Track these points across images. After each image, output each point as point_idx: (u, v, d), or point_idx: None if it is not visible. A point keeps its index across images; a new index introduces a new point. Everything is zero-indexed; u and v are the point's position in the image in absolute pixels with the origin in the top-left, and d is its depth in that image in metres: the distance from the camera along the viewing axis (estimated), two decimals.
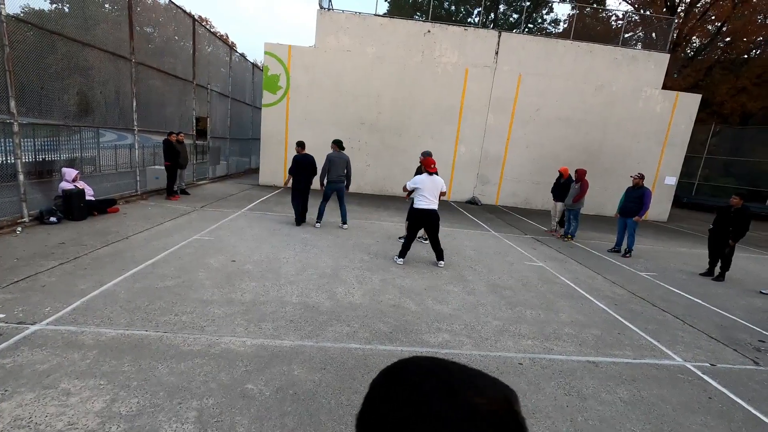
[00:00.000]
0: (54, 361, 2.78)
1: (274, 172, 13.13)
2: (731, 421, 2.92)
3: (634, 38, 21.91)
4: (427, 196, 5.64)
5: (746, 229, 6.50)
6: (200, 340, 3.24)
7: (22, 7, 6.38)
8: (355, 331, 3.69)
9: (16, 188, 5.85)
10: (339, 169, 7.42)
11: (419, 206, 5.67)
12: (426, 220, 5.74)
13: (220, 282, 4.50)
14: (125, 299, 3.84)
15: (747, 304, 5.73)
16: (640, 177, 7.65)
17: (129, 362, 2.85)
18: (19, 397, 2.40)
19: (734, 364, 3.82)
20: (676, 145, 13.83)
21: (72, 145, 7.69)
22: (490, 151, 13.61)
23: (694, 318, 4.93)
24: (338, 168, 7.41)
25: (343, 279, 5.01)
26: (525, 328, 4.14)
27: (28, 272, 4.25)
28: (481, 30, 13.22)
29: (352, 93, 12.80)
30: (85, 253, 5.03)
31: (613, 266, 7.05)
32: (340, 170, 7.43)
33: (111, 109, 8.24)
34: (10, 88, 5.45)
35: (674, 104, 13.55)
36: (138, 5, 8.57)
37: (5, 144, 6.05)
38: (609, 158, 13.75)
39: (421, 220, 5.76)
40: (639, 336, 4.24)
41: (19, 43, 5.66)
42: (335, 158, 7.39)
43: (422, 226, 5.90)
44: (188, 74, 10.86)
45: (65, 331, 3.19)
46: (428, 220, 5.73)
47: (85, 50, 7.03)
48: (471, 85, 13.03)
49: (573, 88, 13.25)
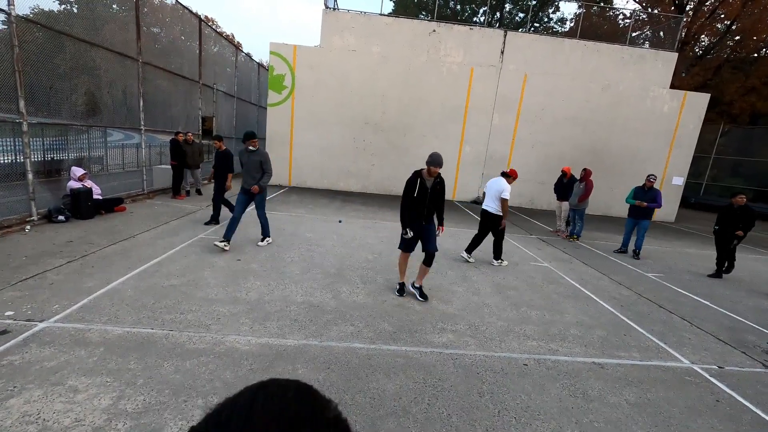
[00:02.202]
0: (62, 358, 2.81)
1: (278, 172, 13.15)
2: (739, 424, 2.88)
3: (641, 37, 21.70)
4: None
5: (753, 224, 6.63)
6: (205, 339, 3.26)
7: (32, 7, 6.45)
8: (359, 331, 3.69)
9: (25, 187, 5.92)
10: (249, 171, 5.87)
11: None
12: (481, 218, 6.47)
13: (225, 281, 4.52)
14: (132, 297, 3.87)
15: (755, 305, 5.66)
16: (654, 179, 7.54)
17: (135, 360, 2.88)
18: (27, 393, 2.43)
19: (742, 367, 3.78)
20: (684, 145, 13.69)
21: (80, 145, 7.76)
22: (496, 150, 13.55)
23: (701, 319, 4.88)
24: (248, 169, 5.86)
25: (347, 278, 5.02)
26: (530, 329, 4.12)
27: (36, 270, 4.30)
28: (487, 29, 13.17)
29: (357, 93, 12.81)
30: (93, 251, 5.08)
31: (619, 267, 7.00)
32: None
33: (118, 109, 8.31)
34: (19, 88, 5.51)
35: (682, 104, 13.41)
36: (145, 6, 8.63)
37: (14, 143, 6.12)
38: (616, 158, 13.64)
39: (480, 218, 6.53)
40: (645, 337, 4.20)
41: (28, 44, 5.72)
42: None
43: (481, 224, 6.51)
44: (194, 74, 10.93)
45: (73, 328, 3.22)
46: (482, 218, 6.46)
47: (93, 50, 7.10)
48: (476, 84, 12.98)
49: (579, 88, 13.16)
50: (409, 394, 2.82)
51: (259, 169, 5.82)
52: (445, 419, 2.61)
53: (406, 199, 4.38)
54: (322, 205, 10.06)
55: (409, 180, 4.36)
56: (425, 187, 4.33)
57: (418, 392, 2.86)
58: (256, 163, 5.78)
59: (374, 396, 2.76)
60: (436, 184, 4.38)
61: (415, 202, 4.34)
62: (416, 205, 4.35)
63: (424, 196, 4.33)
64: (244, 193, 5.87)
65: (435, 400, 2.79)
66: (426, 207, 4.38)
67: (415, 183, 4.31)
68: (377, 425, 2.48)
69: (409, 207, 4.37)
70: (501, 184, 6.15)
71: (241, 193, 5.89)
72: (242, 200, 5.87)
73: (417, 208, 4.37)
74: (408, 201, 4.37)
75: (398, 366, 3.18)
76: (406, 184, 4.36)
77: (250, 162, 5.78)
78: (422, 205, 4.36)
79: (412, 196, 4.32)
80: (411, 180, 4.34)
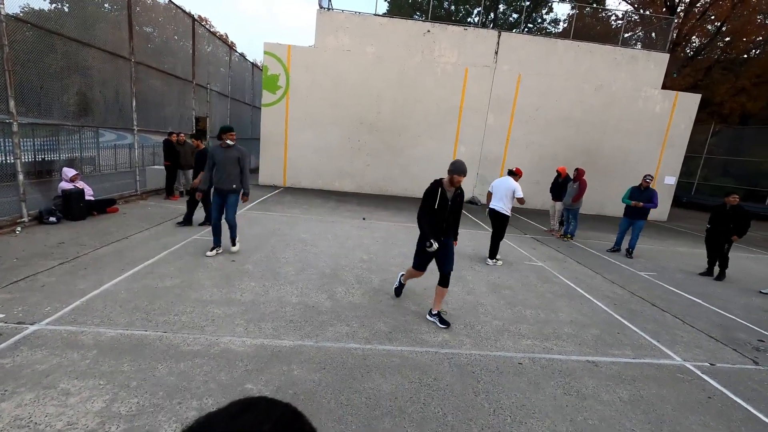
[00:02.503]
0: (53, 361, 2.78)
1: (273, 172, 13.13)
2: (731, 420, 2.92)
3: (633, 38, 21.89)
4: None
5: (748, 225, 6.54)
6: (200, 340, 3.24)
7: (22, 6, 6.37)
8: (354, 331, 3.69)
9: (15, 188, 5.84)
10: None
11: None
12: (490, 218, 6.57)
13: (219, 282, 4.50)
14: (125, 299, 3.84)
15: (746, 303, 5.74)
16: (651, 179, 7.58)
17: (128, 362, 2.85)
18: (18, 397, 2.40)
19: (734, 364, 3.83)
20: (675, 145, 13.84)
21: (71, 145, 7.68)
22: (490, 151, 13.61)
23: (693, 318, 4.93)
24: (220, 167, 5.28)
25: (342, 279, 5.01)
26: (524, 328, 4.14)
27: (27, 272, 4.24)
28: (481, 30, 13.22)
29: (351, 93, 12.80)
30: (85, 253, 5.03)
31: (612, 266, 7.05)
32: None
33: (110, 109, 8.23)
34: (9, 87, 5.44)
35: (674, 104, 13.55)
36: (137, 5, 8.56)
37: (4, 144, 6.04)
38: (608, 158, 13.75)
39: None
40: (638, 336, 4.24)
41: (18, 43, 5.65)
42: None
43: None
44: (188, 74, 10.86)
45: (65, 331, 3.18)
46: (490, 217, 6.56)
47: (84, 50, 7.03)
48: (471, 84, 13.03)
49: (573, 88, 13.25)
50: (405, 394, 2.83)
51: (237, 167, 5.26)
52: (440, 418, 2.61)
53: (425, 211, 3.95)
54: (316, 206, 10.04)
55: (429, 190, 3.91)
56: (446, 199, 3.89)
57: (414, 392, 2.86)
58: (233, 160, 5.22)
59: (370, 396, 2.76)
60: (457, 195, 3.96)
61: (435, 216, 3.91)
62: (436, 219, 3.92)
63: (444, 209, 3.90)
64: (219, 194, 5.32)
65: (431, 400, 2.79)
66: (445, 221, 3.95)
67: (436, 194, 3.87)
68: (373, 425, 2.48)
69: (428, 220, 3.95)
70: (510, 183, 6.29)
71: (216, 195, 5.35)
72: (219, 203, 5.35)
73: (436, 222, 3.94)
74: (427, 213, 3.94)
75: (394, 366, 3.18)
76: (426, 195, 3.91)
77: (227, 159, 5.18)
78: (442, 219, 3.93)
79: (432, 209, 3.89)
80: (431, 190, 3.90)
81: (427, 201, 3.93)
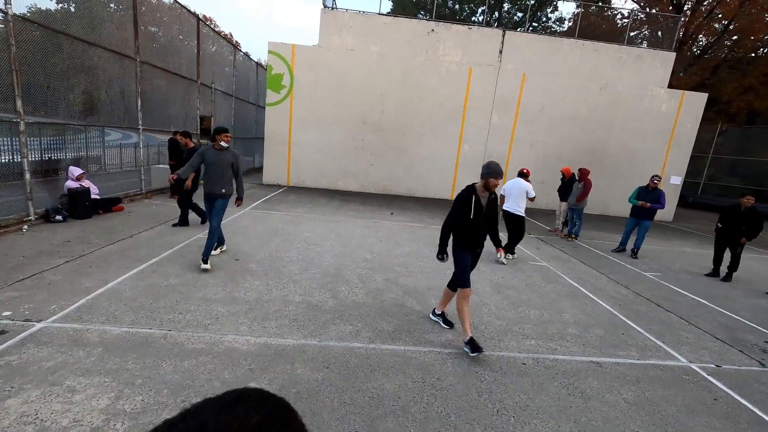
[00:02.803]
0: (59, 358, 2.81)
1: (277, 172, 13.16)
2: (737, 422, 2.90)
3: (639, 37, 21.73)
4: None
5: (760, 229, 6.47)
6: (204, 339, 3.26)
7: (29, 6, 6.42)
8: (358, 331, 3.69)
9: (22, 187, 5.90)
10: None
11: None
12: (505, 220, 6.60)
13: (223, 280, 4.52)
14: (130, 297, 3.86)
15: (752, 304, 5.68)
16: (659, 180, 7.52)
17: (133, 360, 2.87)
18: (25, 393, 2.42)
19: (740, 366, 3.79)
20: (681, 144, 13.72)
21: (77, 144, 7.74)
22: (494, 150, 13.55)
23: (699, 318, 4.89)
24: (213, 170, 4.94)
25: (346, 278, 5.02)
26: (528, 328, 4.12)
27: (34, 270, 4.28)
28: (485, 29, 13.18)
29: (355, 92, 12.79)
30: (91, 251, 5.07)
31: (617, 266, 7.01)
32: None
33: (116, 108, 8.28)
34: (16, 87, 5.49)
35: (680, 103, 13.44)
36: (143, 5, 8.60)
37: (12, 143, 6.09)
38: (614, 157, 13.66)
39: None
40: (643, 336, 4.22)
41: (25, 43, 5.70)
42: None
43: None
44: (192, 73, 10.90)
45: (70, 328, 3.21)
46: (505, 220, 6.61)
47: (90, 49, 7.07)
48: (475, 84, 12.98)
49: (578, 87, 13.17)
50: (408, 394, 2.83)
51: (230, 171, 4.93)
52: (444, 418, 2.61)
53: (453, 220, 3.58)
54: (320, 205, 10.06)
55: (461, 196, 3.54)
56: (480, 206, 3.52)
57: (417, 391, 2.86)
58: (226, 164, 4.88)
59: (373, 395, 2.77)
60: (491, 200, 3.60)
61: (471, 225, 3.53)
62: (473, 229, 3.54)
63: (479, 217, 3.53)
64: (209, 200, 4.99)
65: (434, 400, 2.79)
66: (481, 230, 3.59)
67: (470, 201, 3.48)
68: (376, 425, 2.48)
69: (464, 229, 3.55)
70: (523, 184, 6.52)
71: (207, 201, 5.04)
72: (209, 208, 5.05)
73: (474, 232, 3.56)
74: (457, 222, 3.56)
75: (397, 365, 3.18)
76: (459, 202, 3.52)
77: (221, 161, 4.83)
78: (477, 228, 3.55)
79: (468, 218, 3.51)
80: (464, 196, 3.52)
81: (460, 210, 3.52)
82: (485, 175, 3.48)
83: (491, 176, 3.44)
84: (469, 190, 3.54)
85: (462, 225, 3.55)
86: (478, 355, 3.37)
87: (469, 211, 3.49)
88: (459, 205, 3.53)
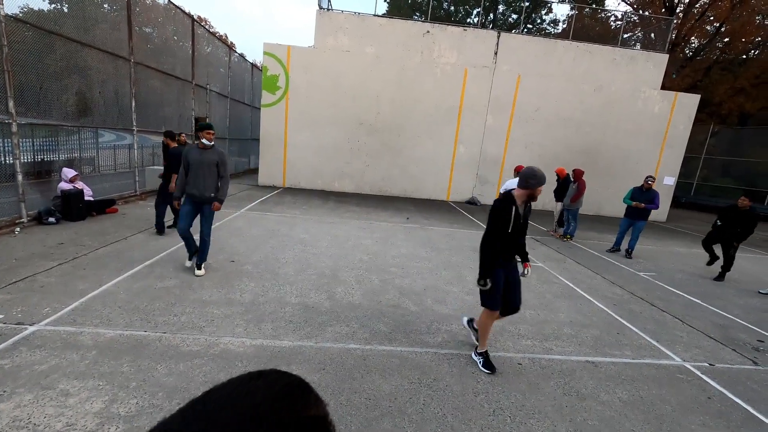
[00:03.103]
0: (53, 361, 2.78)
1: (273, 173, 13.13)
2: (730, 421, 2.92)
3: (632, 39, 21.93)
4: None
5: (751, 232, 6.56)
6: (199, 341, 3.24)
7: (21, 6, 6.37)
8: (354, 332, 3.69)
9: (14, 189, 5.84)
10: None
11: None
12: None
13: (219, 282, 4.49)
14: (124, 300, 3.83)
15: (745, 304, 5.74)
16: (653, 181, 7.59)
17: (128, 363, 2.85)
18: (17, 397, 2.39)
19: (733, 364, 3.83)
20: (674, 145, 13.86)
21: (71, 146, 7.67)
22: (489, 151, 13.62)
23: (693, 318, 4.94)
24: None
25: (342, 279, 5.01)
26: (524, 329, 4.14)
27: (26, 273, 4.24)
28: (480, 30, 13.24)
29: (351, 93, 12.80)
30: (84, 253, 5.02)
31: (611, 266, 7.06)
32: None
33: (110, 110, 8.22)
34: (8, 88, 5.44)
35: (673, 104, 13.57)
36: (137, 5, 8.56)
37: (3, 144, 6.03)
38: (608, 158, 13.77)
39: None
40: (638, 336, 4.25)
41: (17, 43, 5.65)
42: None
43: None
44: (187, 74, 10.85)
45: (64, 331, 3.18)
46: None
47: (83, 50, 7.02)
48: (470, 85, 13.04)
49: (572, 89, 13.27)
50: (405, 395, 2.83)
51: (214, 172, 4.49)
52: (440, 419, 2.61)
53: (494, 236, 3.12)
54: (316, 206, 10.04)
55: (499, 208, 3.10)
56: (519, 217, 3.14)
57: (414, 392, 2.86)
58: (210, 165, 4.43)
59: (369, 396, 2.76)
60: (528, 210, 3.24)
61: (508, 239, 3.13)
62: (509, 243, 3.15)
63: (517, 230, 3.14)
64: (191, 203, 4.55)
65: (430, 400, 2.79)
66: (515, 243, 3.21)
67: (510, 213, 3.07)
68: (373, 426, 2.48)
69: (499, 244, 3.13)
70: None
71: (188, 204, 4.56)
72: (189, 212, 4.57)
73: (509, 246, 3.18)
74: (496, 238, 3.11)
75: (393, 366, 3.18)
76: (497, 214, 3.10)
77: (204, 161, 4.40)
78: (512, 242, 3.17)
79: (505, 232, 3.09)
80: (503, 208, 3.09)
81: (499, 224, 3.09)
82: (533, 185, 3.05)
83: (540, 185, 3.06)
84: (507, 201, 3.09)
85: (496, 240, 3.13)
86: (488, 372, 3.19)
87: (508, 224, 3.09)
88: (498, 218, 3.10)
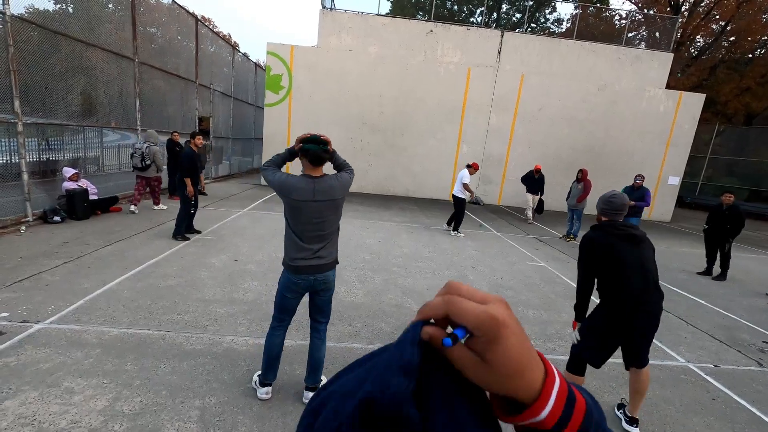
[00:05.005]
0: (57, 359, 2.80)
1: None
2: (734, 422, 2.91)
3: (637, 37, 21.81)
4: None
5: (742, 226, 6.60)
6: (202, 340, 3.25)
7: (27, 7, 6.41)
8: (357, 331, 3.69)
9: (20, 188, 5.88)
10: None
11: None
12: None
13: (222, 281, 4.51)
14: (128, 298, 3.86)
15: (749, 304, 5.70)
16: (642, 179, 7.91)
17: (132, 361, 2.86)
18: (22, 395, 2.41)
19: (738, 365, 3.80)
20: (679, 144, 13.77)
21: (76, 145, 7.72)
22: (493, 150, 13.58)
23: (696, 318, 4.91)
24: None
25: (344, 279, 5.02)
26: (527, 329, 4.13)
27: (31, 271, 4.27)
28: (484, 29, 13.20)
29: (354, 93, 12.80)
30: (89, 252, 5.05)
31: None
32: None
33: (114, 109, 8.27)
34: (14, 88, 5.48)
35: (678, 104, 13.48)
36: (141, 5, 8.60)
37: (9, 144, 6.08)
38: (612, 158, 13.69)
39: None
40: None
41: (23, 43, 5.69)
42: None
43: None
44: (191, 74, 10.89)
45: (68, 329, 3.20)
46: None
47: (88, 50, 7.07)
48: (473, 84, 13.01)
49: (576, 88, 13.21)
50: None
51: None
52: None
53: (591, 275, 2.57)
54: None
55: (598, 243, 2.48)
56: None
57: None
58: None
59: None
60: None
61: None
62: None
63: None
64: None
65: None
66: None
67: (611, 250, 2.45)
68: None
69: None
70: (462, 173, 7.74)
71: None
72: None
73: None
74: (590, 280, 2.58)
75: None
76: (595, 250, 2.49)
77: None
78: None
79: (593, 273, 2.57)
80: (604, 243, 2.46)
81: (599, 262, 2.50)
82: (617, 212, 2.58)
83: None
84: (608, 237, 2.49)
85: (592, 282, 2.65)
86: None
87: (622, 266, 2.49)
88: (592, 257, 2.55)
